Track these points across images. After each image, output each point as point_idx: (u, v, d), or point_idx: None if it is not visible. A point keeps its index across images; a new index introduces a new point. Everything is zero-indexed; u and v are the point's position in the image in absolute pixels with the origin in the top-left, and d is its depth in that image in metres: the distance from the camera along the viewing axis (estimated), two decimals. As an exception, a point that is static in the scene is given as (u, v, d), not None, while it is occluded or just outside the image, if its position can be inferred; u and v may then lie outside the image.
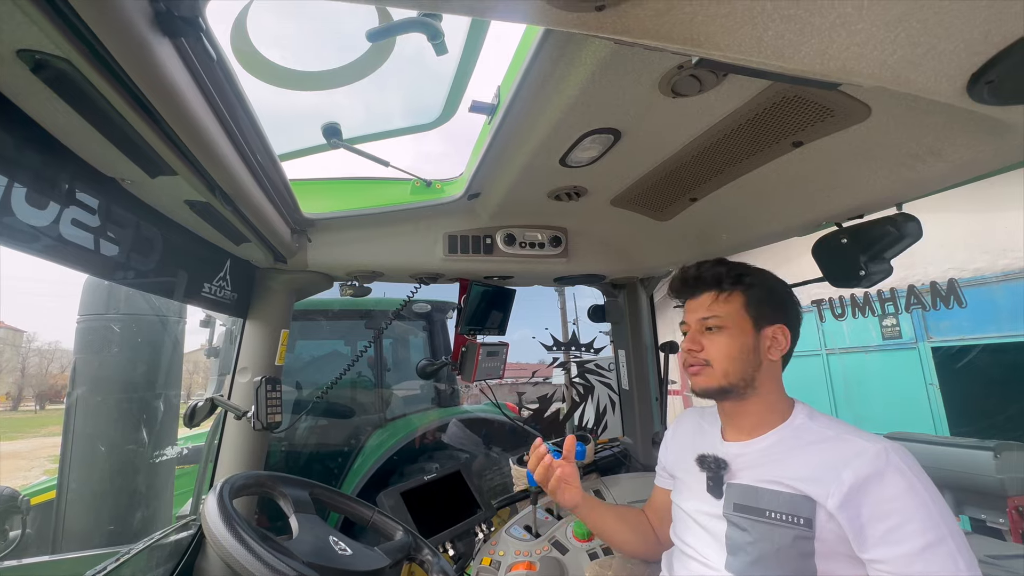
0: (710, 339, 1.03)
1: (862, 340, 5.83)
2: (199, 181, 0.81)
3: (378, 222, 1.46)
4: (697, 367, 1.04)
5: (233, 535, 0.63)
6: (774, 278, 1.07)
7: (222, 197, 0.87)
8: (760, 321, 1.01)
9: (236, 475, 0.82)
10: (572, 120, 0.94)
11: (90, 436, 2.03)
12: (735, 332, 1.01)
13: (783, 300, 1.04)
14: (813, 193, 1.19)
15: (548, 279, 1.82)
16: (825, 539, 0.83)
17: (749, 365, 0.99)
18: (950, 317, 4.95)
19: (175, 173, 0.77)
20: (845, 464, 0.84)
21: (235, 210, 0.96)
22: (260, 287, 1.46)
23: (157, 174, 0.77)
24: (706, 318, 1.04)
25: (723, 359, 1.00)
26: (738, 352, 1.00)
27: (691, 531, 1.02)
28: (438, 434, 3.85)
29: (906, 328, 5.37)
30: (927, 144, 0.89)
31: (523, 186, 1.30)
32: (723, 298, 1.03)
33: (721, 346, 1.01)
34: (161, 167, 0.76)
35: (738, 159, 1.12)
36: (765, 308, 1.01)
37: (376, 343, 4.14)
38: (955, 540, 0.76)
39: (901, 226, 1.12)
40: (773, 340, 1.00)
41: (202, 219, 1.01)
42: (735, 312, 1.01)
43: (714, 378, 1.01)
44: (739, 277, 1.03)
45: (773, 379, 1.01)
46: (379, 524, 1.00)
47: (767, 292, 1.03)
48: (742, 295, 1.02)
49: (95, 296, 2.20)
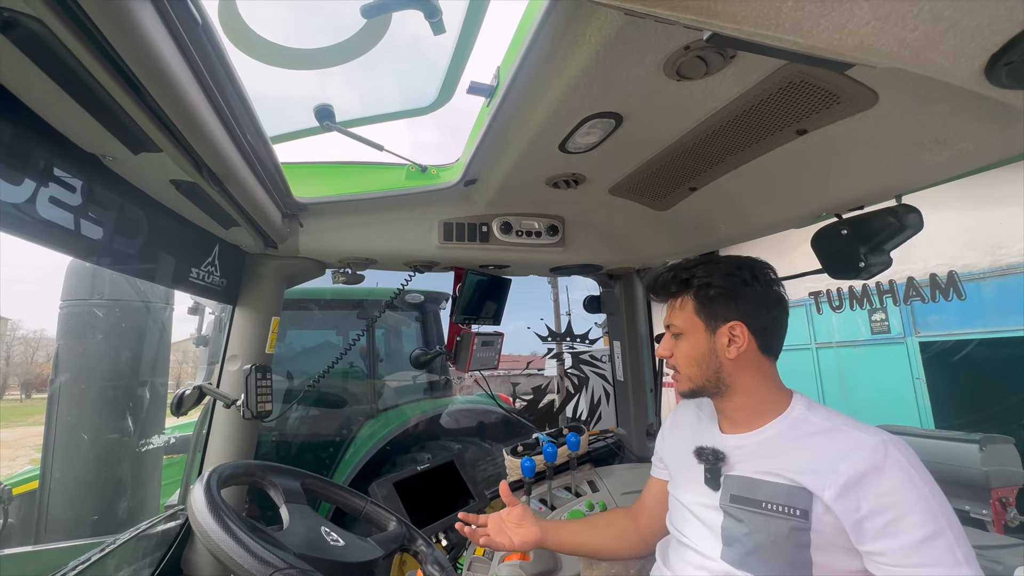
0: (676, 345, 1.04)
1: (851, 334, 5.89)
2: (185, 159, 0.78)
3: (372, 208, 1.43)
4: (673, 375, 1.07)
5: (220, 525, 0.61)
6: (728, 271, 1.00)
7: (209, 177, 0.84)
8: (712, 323, 0.99)
9: (224, 464, 0.79)
10: (573, 103, 0.91)
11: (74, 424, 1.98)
12: (691, 338, 1.01)
13: (735, 294, 0.98)
14: (815, 183, 1.17)
15: (544, 269, 1.80)
16: (821, 531, 0.82)
17: (710, 368, 0.99)
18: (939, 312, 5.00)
19: (159, 150, 0.74)
20: (843, 457, 0.83)
21: (223, 191, 0.92)
22: (250, 273, 1.42)
23: (140, 150, 0.73)
24: (668, 326, 1.05)
25: (684, 364, 1.02)
26: (696, 357, 1.00)
27: (688, 522, 1.02)
28: (431, 424, 3.84)
29: (895, 323, 5.43)
30: (933, 132, 0.88)
31: (521, 172, 1.27)
32: (679, 304, 1.04)
33: (682, 352, 1.02)
34: (144, 143, 0.72)
35: (740, 147, 1.10)
36: (715, 308, 0.99)
37: (368, 333, 4.11)
38: (954, 533, 0.76)
39: (902, 217, 1.11)
40: (731, 338, 0.97)
41: (189, 200, 0.97)
42: (688, 318, 1.01)
43: (683, 382, 1.04)
44: (686, 282, 1.02)
45: (752, 375, 0.98)
46: (372, 514, 0.99)
47: (718, 291, 0.98)
48: (692, 299, 1.01)
49: (78, 281, 2.14)
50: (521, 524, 1.15)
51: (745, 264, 1.02)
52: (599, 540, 1.21)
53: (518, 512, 1.16)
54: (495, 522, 1.16)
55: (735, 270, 1.00)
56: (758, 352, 0.98)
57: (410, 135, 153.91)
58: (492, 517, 1.17)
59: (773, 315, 1.00)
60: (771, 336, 1.00)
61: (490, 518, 1.17)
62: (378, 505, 1.00)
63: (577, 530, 1.22)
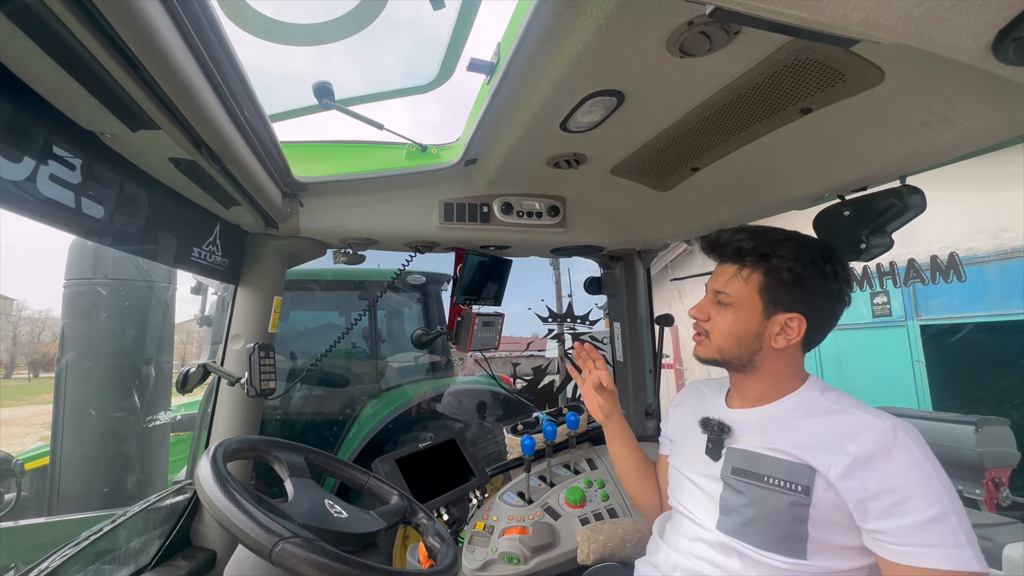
0: (717, 311, 1.00)
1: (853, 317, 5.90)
2: (183, 137, 0.77)
3: (372, 187, 1.42)
4: (699, 336, 1.04)
5: (227, 496, 0.63)
6: (813, 258, 0.94)
7: (209, 155, 0.83)
8: (772, 307, 0.94)
9: (230, 439, 0.81)
10: (574, 81, 0.90)
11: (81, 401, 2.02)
12: (742, 314, 0.96)
13: (811, 287, 0.92)
14: (818, 164, 1.16)
15: (545, 250, 1.80)
16: (821, 507, 0.84)
17: (748, 348, 0.97)
18: (941, 295, 5.00)
19: (157, 127, 0.73)
20: (852, 437, 0.84)
21: (223, 170, 0.92)
22: (251, 253, 1.42)
23: (138, 128, 0.73)
24: (718, 292, 1.00)
25: (721, 336, 0.99)
26: (738, 334, 0.97)
27: (687, 492, 1.04)
28: (432, 404, 3.90)
29: (896, 306, 5.43)
30: (939, 111, 0.87)
31: (522, 152, 1.26)
32: (742, 275, 0.97)
33: (723, 323, 0.98)
34: (142, 120, 0.72)
35: (744, 126, 1.09)
36: (783, 294, 0.94)
37: (371, 314, 4.14)
38: (957, 516, 0.77)
39: (905, 198, 1.11)
40: (784, 328, 0.94)
41: (189, 179, 0.97)
42: (748, 294, 0.96)
43: (709, 350, 1.01)
44: (764, 256, 0.95)
45: (783, 362, 0.97)
46: (374, 489, 1.01)
47: (794, 278, 0.92)
48: (762, 277, 0.95)
49: (82, 260, 2.15)
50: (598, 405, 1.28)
51: (830, 255, 0.96)
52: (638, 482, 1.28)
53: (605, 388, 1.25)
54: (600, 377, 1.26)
55: (819, 260, 0.93)
56: (799, 345, 0.96)
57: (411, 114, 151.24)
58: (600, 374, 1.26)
59: (833, 313, 0.97)
60: (821, 332, 0.97)
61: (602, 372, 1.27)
62: (380, 480, 1.02)
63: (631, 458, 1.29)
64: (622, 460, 1.31)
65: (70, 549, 0.95)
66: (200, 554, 1.25)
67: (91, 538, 1.00)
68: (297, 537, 0.61)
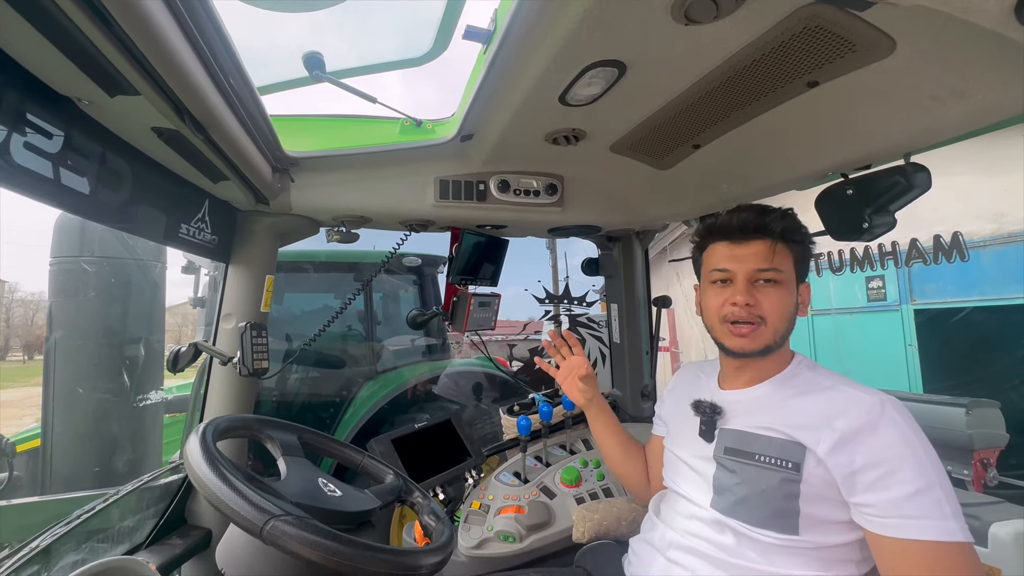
0: (765, 293, 0.94)
1: (847, 302, 5.92)
2: (165, 104, 0.74)
3: (365, 163, 1.38)
4: (751, 325, 0.93)
5: (217, 475, 0.61)
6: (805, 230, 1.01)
7: (192, 124, 0.80)
8: (799, 279, 0.98)
9: (220, 417, 0.79)
10: (575, 49, 0.87)
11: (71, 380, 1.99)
12: (788, 290, 0.95)
13: (809, 254, 1.01)
14: (823, 140, 1.14)
15: (543, 229, 1.77)
16: (811, 483, 0.84)
17: (792, 325, 0.97)
18: (936, 279, 5.00)
19: (137, 93, 0.70)
20: (840, 413, 0.84)
21: (208, 141, 0.89)
22: (242, 231, 1.39)
23: (116, 92, 0.69)
24: (764, 269, 0.94)
25: (779, 318, 0.93)
26: (791, 312, 0.96)
27: (682, 474, 1.05)
28: (429, 386, 3.90)
29: (891, 290, 5.44)
30: (950, 84, 0.84)
31: (520, 127, 1.23)
32: (779, 249, 0.95)
33: (777, 302, 0.94)
34: (120, 84, 0.68)
35: (748, 101, 1.06)
36: (803, 266, 0.99)
37: (366, 296, 4.13)
38: (943, 489, 0.77)
39: (911, 177, 1.08)
40: (802, 298, 0.98)
41: (174, 151, 0.93)
42: (789, 268, 0.96)
43: (764, 337, 0.93)
44: (792, 229, 0.97)
45: None
46: (369, 468, 1.00)
47: (806, 249, 0.99)
48: (793, 248, 0.97)
49: (67, 238, 2.10)
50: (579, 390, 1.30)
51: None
52: (624, 462, 1.29)
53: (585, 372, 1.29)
54: (572, 363, 1.33)
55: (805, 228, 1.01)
56: None
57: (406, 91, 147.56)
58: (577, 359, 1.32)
59: None
60: None
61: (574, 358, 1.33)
62: (375, 459, 1.01)
63: (614, 438, 1.31)
64: (605, 441, 1.33)
65: (61, 528, 0.94)
66: (195, 532, 1.25)
67: (83, 517, 0.99)
68: (289, 515, 0.59)
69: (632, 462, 1.28)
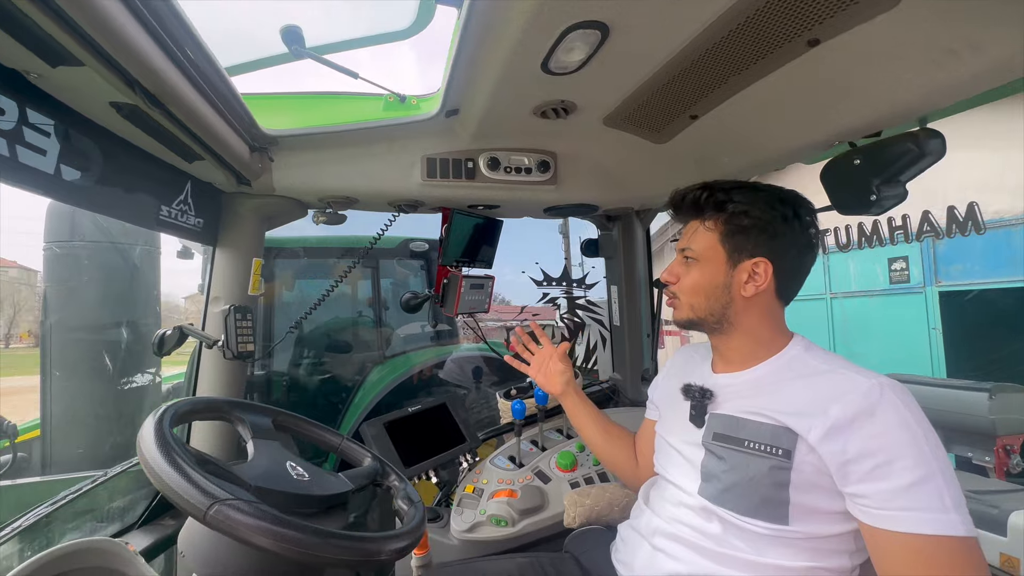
0: (686, 271, 0.97)
1: (869, 284, 5.73)
2: (114, 76, 0.71)
3: (348, 141, 1.34)
4: (672, 299, 1.01)
5: (163, 456, 0.59)
6: (772, 202, 0.91)
7: (147, 98, 0.77)
8: (736, 255, 0.91)
9: (183, 399, 0.78)
10: (551, 11, 0.81)
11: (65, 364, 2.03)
12: (707, 267, 0.94)
13: (773, 231, 0.90)
14: (827, 105, 1.06)
15: (538, 209, 1.72)
16: (802, 471, 0.80)
17: (717, 302, 0.93)
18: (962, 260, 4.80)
19: (80, 63, 0.67)
20: (835, 399, 0.79)
21: (171, 117, 0.86)
22: (228, 213, 1.37)
23: (58, 63, 0.66)
24: (683, 249, 0.98)
25: (689, 293, 0.97)
26: (705, 288, 0.94)
27: (671, 460, 1.01)
28: (435, 371, 3.92)
29: (915, 272, 5.23)
30: (966, 35, 0.76)
31: (505, 99, 1.17)
32: (705, 227, 0.95)
33: (691, 280, 0.96)
34: (60, 54, 0.65)
35: (745, 64, 0.98)
36: (744, 240, 0.91)
37: (374, 282, 4.16)
38: (944, 478, 0.71)
39: (923, 143, 1.00)
40: (751, 275, 0.90)
41: (140, 129, 0.90)
42: (711, 245, 0.93)
43: (681, 311, 0.99)
44: (720, 204, 0.93)
45: (758, 315, 0.93)
46: (347, 451, 0.99)
47: (753, 223, 0.90)
48: (722, 225, 0.93)
49: (59, 223, 2.12)
50: (556, 374, 1.31)
51: (789, 198, 0.93)
52: (605, 447, 1.27)
53: (560, 355, 1.32)
54: (544, 352, 1.35)
55: (777, 203, 0.91)
56: (773, 295, 0.93)
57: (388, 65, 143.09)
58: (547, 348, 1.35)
59: (802, 260, 0.93)
60: (792, 281, 0.94)
61: (545, 348, 1.36)
62: (353, 442, 1.00)
63: (593, 424, 1.29)
64: (586, 429, 1.30)
65: (45, 508, 0.94)
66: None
67: (68, 498, 0.99)
68: (237, 499, 0.57)
69: (616, 447, 1.25)
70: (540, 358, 1.35)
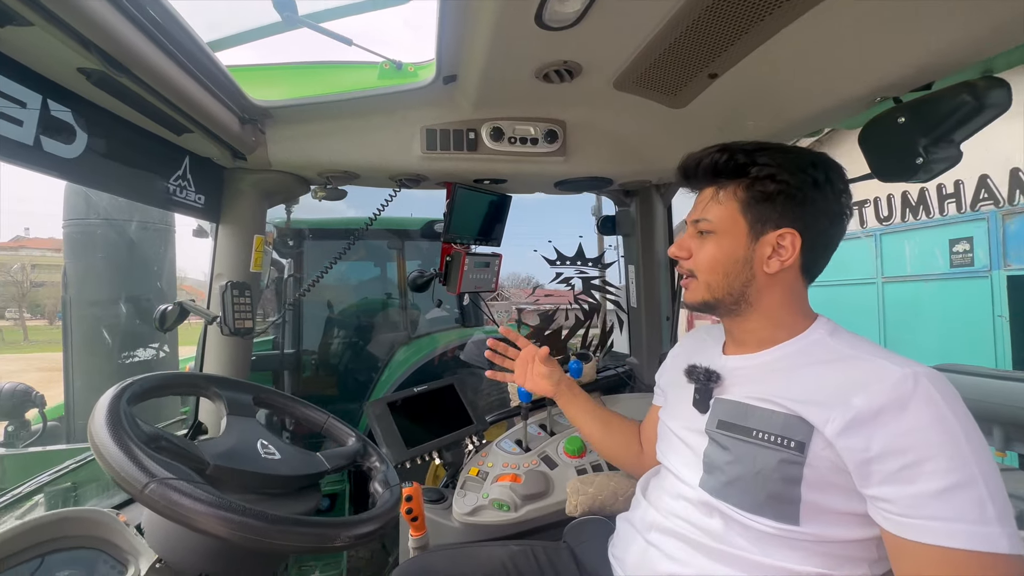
0: (699, 245, 0.85)
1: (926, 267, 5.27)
2: (68, 37, 0.68)
3: (343, 112, 1.30)
4: (686, 279, 0.89)
5: (109, 430, 0.57)
6: (802, 165, 0.79)
7: (107, 61, 0.74)
8: (759, 225, 0.79)
9: (151, 374, 0.76)
10: None
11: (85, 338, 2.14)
12: (725, 240, 0.82)
13: (803, 197, 0.78)
14: (867, 54, 0.92)
15: (548, 183, 1.63)
16: (817, 467, 0.70)
17: (737, 280, 0.82)
18: (1035, 241, 4.33)
19: (28, 23, 0.64)
20: (861, 388, 0.68)
21: (143, 84, 0.83)
22: (229, 189, 1.36)
23: (5, 22, 0.64)
24: (697, 220, 0.85)
25: (706, 270, 0.84)
26: (724, 263, 0.82)
27: (673, 448, 0.93)
28: (459, 352, 3.94)
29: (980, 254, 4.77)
30: None
31: (503, 61, 1.09)
32: (721, 195, 0.83)
33: (707, 255, 0.84)
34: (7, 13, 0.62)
35: (768, 9, 0.86)
36: (769, 209, 0.79)
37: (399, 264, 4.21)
38: (988, 485, 0.60)
39: (982, 94, 0.85)
40: (776, 249, 0.79)
41: (118, 100, 0.88)
42: (729, 214, 0.81)
43: (697, 291, 0.87)
44: (741, 167, 0.80)
45: (780, 294, 0.82)
46: (332, 430, 0.96)
47: (780, 188, 0.78)
48: (743, 192, 0.80)
49: (75, 200, 2.21)
50: (543, 376, 1.22)
51: (820, 161, 0.81)
52: (604, 439, 1.21)
53: (542, 357, 1.22)
54: (524, 356, 1.25)
55: (808, 166, 0.79)
56: (798, 271, 0.82)
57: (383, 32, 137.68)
58: (526, 351, 1.26)
59: (833, 232, 0.81)
60: (820, 255, 0.82)
61: (523, 352, 1.26)
62: (338, 421, 0.97)
63: (589, 418, 1.21)
64: (583, 424, 1.23)
65: (46, 476, 0.97)
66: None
67: (71, 467, 1.02)
68: (177, 479, 0.55)
69: (617, 439, 1.17)
70: (522, 363, 1.26)
